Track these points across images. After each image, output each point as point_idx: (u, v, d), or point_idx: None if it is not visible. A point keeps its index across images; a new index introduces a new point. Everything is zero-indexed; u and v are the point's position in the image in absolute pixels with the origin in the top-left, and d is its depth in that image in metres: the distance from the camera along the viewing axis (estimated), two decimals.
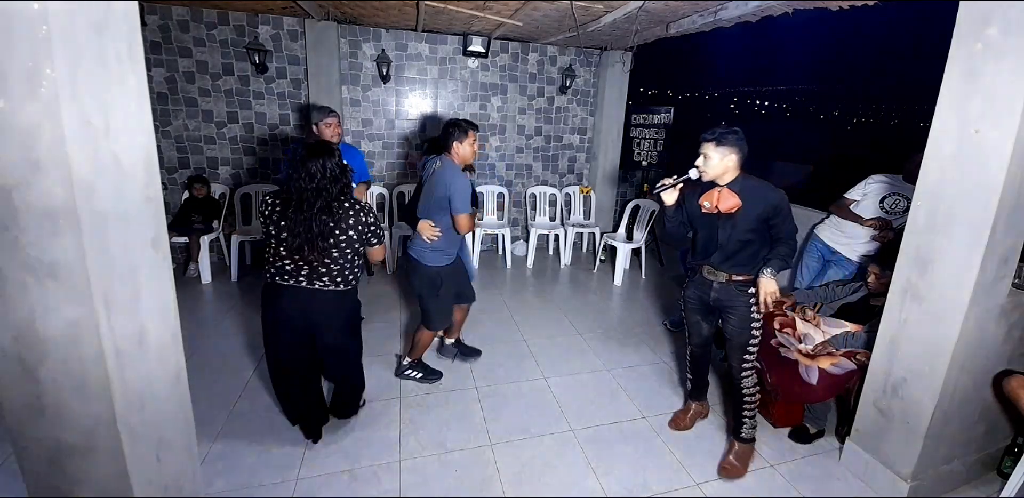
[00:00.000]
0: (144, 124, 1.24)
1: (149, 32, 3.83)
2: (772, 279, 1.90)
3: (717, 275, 2.03)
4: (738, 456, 2.10)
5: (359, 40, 4.36)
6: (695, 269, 2.14)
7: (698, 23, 3.40)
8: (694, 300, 2.16)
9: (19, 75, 0.97)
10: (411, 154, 4.76)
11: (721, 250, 1.98)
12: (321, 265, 1.86)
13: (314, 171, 1.78)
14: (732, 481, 2.04)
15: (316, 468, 2.01)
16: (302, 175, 1.77)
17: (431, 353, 2.94)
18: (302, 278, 1.87)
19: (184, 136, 4.16)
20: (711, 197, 1.93)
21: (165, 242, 1.35)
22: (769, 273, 1.91)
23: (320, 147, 1.83)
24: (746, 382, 2.09)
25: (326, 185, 1.80)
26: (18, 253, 1.04)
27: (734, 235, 1.93)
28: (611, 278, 4.46)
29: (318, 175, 1.78)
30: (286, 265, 1.86)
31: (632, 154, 5.24)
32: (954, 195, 1.69)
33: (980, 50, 1.57)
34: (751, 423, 2.13)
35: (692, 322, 2.22)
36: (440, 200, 2.29)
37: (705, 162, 1.88)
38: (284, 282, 1.87)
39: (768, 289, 1.90)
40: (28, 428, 1.17)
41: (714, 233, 1.98)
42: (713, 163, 1.87)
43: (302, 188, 1.78)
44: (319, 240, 1.79)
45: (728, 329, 2.08)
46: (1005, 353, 1.92)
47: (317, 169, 1.78)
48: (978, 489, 2.08)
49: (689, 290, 2.18)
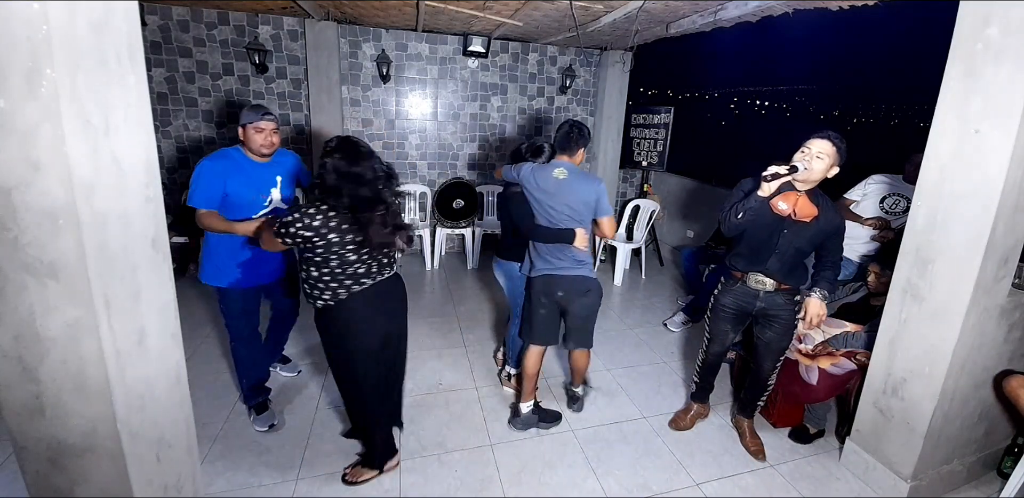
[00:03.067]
0: (144, 124, 1.24)
1: (149, 32, 3.83)
2: (821, 301, 1.93)
3: (766, 283, 1.97)
4: (751, 432, 2.27)
5: (359, 40, 4.36)
6: (733, 277, 2.05)
7: (698, 23, 3.40)
8: (732, 308, 2.07)
9: (19, 75, 0.97)
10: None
11: (777, 256, 1.91)
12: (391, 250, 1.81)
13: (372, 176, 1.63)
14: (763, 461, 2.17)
15: (316, 468, 2.01)
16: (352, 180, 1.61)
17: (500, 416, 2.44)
18: (376, 274, 1.79)
19: (184, 136, 4.16)
20: (788, 200, 1.83)
21: (165, 242, 1.35)
22: (819, 295, 1.94)
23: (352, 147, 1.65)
24: (772, 377, 2.17)
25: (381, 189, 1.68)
26: (18, 253, 1.04)
27: (796, 242, 1.88)
28: (611, 278, 4.46)
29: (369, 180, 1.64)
30: (357, 269, 1.73)
31: (632, 154, 5.24)
32: (954, 195, 1.69)
33: (980, 50, 1.57)
34: (762, 404, 2.28)
35: (720, 331, 2.15)
36: (586, 205, 2.06)
37: (815, 162, 1.76)
38: (363, 285, 1.75)
39: (818, 311, 1.93)
40: (28, 428, 1.17)
41: (775, 237, 1.89)
42: (821, 166, 1.77)
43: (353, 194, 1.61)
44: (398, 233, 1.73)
45: (768, 336, 2.06)
46: (1005, 353, 1.92)
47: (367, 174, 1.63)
48: (978, 489, 2.08)
49: (725, 298, 2.08)
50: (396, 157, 4.74)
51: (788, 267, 1.93)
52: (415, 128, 4.73)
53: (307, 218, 1.59)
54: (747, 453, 2.20)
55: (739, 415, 2.32)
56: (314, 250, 1.64)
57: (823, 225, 1.86)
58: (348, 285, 1.72)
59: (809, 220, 1.84)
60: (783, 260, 1.92)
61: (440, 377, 2.74)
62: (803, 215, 1.83)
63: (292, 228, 1.59)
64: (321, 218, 1.59)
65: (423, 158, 4.83)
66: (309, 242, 1.61)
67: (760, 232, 1.91)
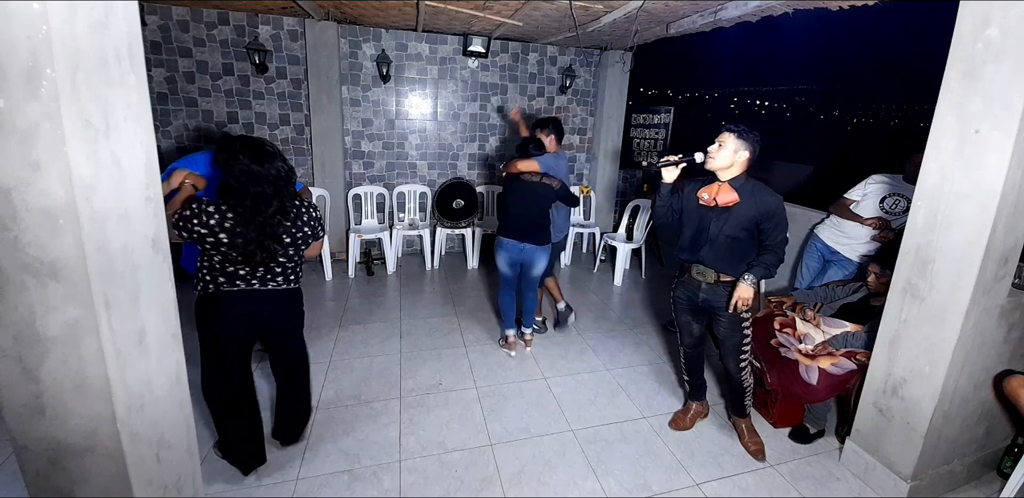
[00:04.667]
0: (144, 124, 1.24)
1: (149, 32, 3.83)
2: (750, 286, 1.92)
3: (706, 276, 2.04)
4: (750, 431, 2.25)
5: (359, 40, 4.36)
6: (683, 269, 2.15)
7: (698, 23, 3.40)
8: (683, 300, 2.18)
9: (19, 75, 0.97)
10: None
11: (710, 245, 1.98)
12: (277, 265, 1.81)
13: (268, 174, 1.67)
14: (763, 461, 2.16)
15: (316, 468, 2.01)
16: (256, 179, 1.66)
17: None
18: (255, 281, 1.79)
19: (184, 136, 4.16)
20: (711, 190, 1.96)
21: (165, 242, 1.36)
22: (749, 280, 1.92)
23: (260, 148, 1.69)
24: (744, 376, 2.17)
25: (283, 187, 1.72)
26: (18, 253, 1.04)
27: (725, 230, 1.94)
28: (611, 278, 4.46)
29: (272, 178, 1.68)
30: (238, 270, 1.76)
31: (632, 154, 5.24)
32: (954, 195, 1.69)
33: (980, 50, 1.57)
34: (750, 402, 2.28)
35: (682, 322, 2.24)
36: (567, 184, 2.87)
37: (718, 150, 1.90)
38: (233, 287, 1.77)
39: (743, 294, 1.92)
40: (28, 428, 1.17)
41: (705, 227, 1.99)
42: (725, 153, 1.89)
43: (258, 193, 1.67)
44: (272, 242, 1.73)
45: (719, 331, 2.10)
46: (1005, 353, 1.92)
47: (271, 172, 1.68)
48: (978, 489, 2.08)
49: (678, 290, 2.20)
50: (396, 157, 4.75)
51: (724, 257, 1.97)
52: (415, 128, 4.73)
53: (204, 216, 1.64)
54: (747, 453, 2.20)
55: (734, 415, 2.33)
56: (204, 244, 1.69)
57: (746, 210, 1.90)
58: (221, 282, 1.77)
59: (731, 205, 1.91)
60: (715, 249, 1.98)
61: (440, 377, 2.74)
62: (724, 202, 1.92)
63: (189, 224, 1.63)
64: (218, 217, 1.65)
65: (423, 158, 4.83)
66: (200, 236, 1.66)
67: (692, 223, 2.04)
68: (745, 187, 1.92)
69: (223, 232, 1.66)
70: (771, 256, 1.94)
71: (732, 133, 1.90)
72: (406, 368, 2.81)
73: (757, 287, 1.97)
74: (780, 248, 1.94)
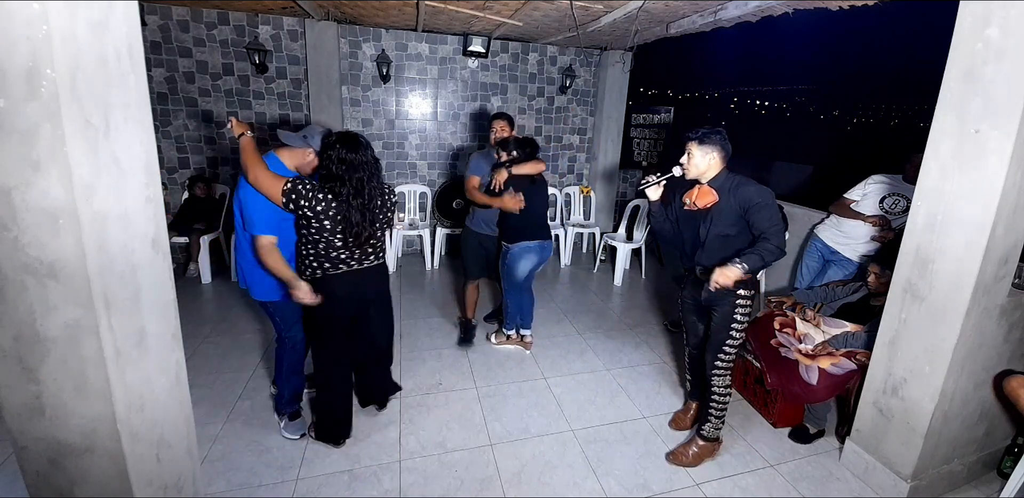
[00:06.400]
0: (144, 124, 1.24)
1: (149, 32, 3.83)
2: (736, 268, 1.80)
3: (707, 275, 2.01)
4: (694, 450, 2.12)
5: (359, 40, 4.36)
6: (691, 270, 2.15)
7: (698, 23, 3.40)
8: (689, 300, 2.19)
9: (19, 75, 0.97)
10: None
11: (704, 247, 2.00)
12: (378, 241, 2.03)
13: (363, 162, 1.88)
14: (679, 467, 2.10)
15: (316, 468, 2.01)
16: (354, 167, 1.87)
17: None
18: (353, 262, 1.97)
19: (184, 136, 4.16)
20: (690, 194, 2.00)
21: (165, 242, 1.36)
22: (738, 263, 1.81)
23: (355, 139, 1.90)
24: (717, 380, 2.06)
25: (375, 173, 1.93)
26: (18, 253, 1.04)
27: (712, 230, 1.95)
28: (611, 278, 4.46)
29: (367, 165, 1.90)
30: (339, 254, 1.93)
31: (632, 154, 5.25)
32: (954, 195, 1.68)
33: (980, 50, 1.57)
34: (716, 423, 2.11)
35: (688, 322, 2.25)
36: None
37: (688, 160, 1.94)
38: (337, 270, 1.95)
39: (726, 272, 1.80)
40: (28, 428, 1.17)
41: (697, 231, 2.01)
42: (696, 161, 1.93)
43: (358, 179, 1.87)
44: (370, 225, 1.93)
45: (710, 326, 2.08)
46: (1005, 353, 1.92)
47: (365, 160, 1.89)
48: (978, 489, 2.08)
49: (685, 290, 2.21)
50: (396, 157, 4.75)
51: (718, 255, 1.96)
52: (415, 128, 4.73)
53: (314, 200, 1.80)
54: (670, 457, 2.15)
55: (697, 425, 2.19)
56: (309, 228, 1.86)
57: (727, 206, 1.91)
58: (327, 267, 1.93)
59: (711, 206, 1.94)
60: (709, 250, 1.99)
61: (440, 377, 2.74)
62: (704, 204, 1.95)
63: (303, 200, 1.79)
64: (324, 204, 1.82)
65: (423, 158, 4.83)
66: (305, 219, 1.84)
67: (687, 230, 2.08)
68: (725, 185, 1.92)
69: (328, 220, 1.84)
70: (766, 244, 1.84)
71: (693, 141, 1.93)
72: (406, 368, 2.81)
73: (756, 285, 1.96)
74: (775, 237, 1.85)
